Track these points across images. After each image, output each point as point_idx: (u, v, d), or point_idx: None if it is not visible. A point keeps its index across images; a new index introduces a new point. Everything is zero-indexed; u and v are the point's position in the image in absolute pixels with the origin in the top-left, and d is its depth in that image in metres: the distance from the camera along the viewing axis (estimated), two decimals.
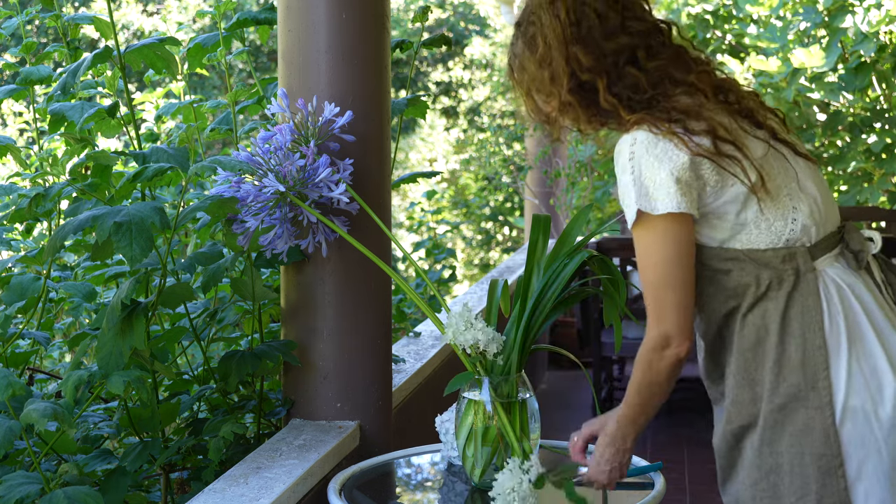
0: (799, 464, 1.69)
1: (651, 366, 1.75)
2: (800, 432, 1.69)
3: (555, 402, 5.66)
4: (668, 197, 1.67)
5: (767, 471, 1.71)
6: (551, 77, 1.78)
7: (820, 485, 1.67)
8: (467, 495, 1.99)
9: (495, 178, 8.91)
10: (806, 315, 1.71)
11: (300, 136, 2.15)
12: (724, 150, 1.69)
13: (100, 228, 1.86)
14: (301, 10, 2.28)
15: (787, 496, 1.69)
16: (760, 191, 1.70)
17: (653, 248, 1.71)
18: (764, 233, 1.73)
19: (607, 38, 1.76)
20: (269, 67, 12.76)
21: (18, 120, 5.40)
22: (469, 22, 14.58)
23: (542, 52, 1.78)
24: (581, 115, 1.79)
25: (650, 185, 1.68)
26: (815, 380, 1.68)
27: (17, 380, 1.83)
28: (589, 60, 1.75)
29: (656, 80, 1.75)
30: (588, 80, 1.76)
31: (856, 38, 5.46)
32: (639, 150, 1.69)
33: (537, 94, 1.83)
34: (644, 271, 1.73)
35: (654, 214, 1.68)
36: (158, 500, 2.29)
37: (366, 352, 2.34)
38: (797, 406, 1.69)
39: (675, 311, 1.72)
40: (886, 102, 5.84)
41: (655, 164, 1.68)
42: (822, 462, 1.67)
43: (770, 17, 6.06)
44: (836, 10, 5.51)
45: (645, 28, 1.78)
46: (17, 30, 2.55)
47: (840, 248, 1.78)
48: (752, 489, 1.73)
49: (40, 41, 11.31)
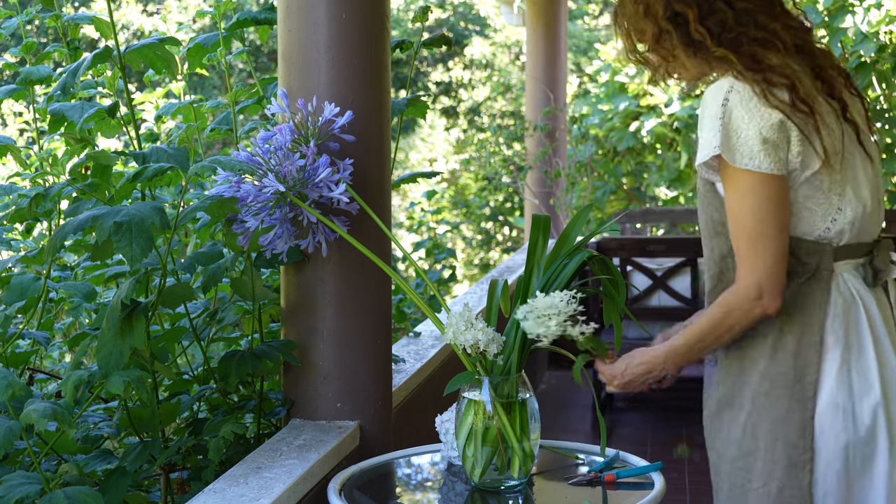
0: (771, 450, 1.73)
1: (732, 314, 1.74)
2: (779, 420, 1.72)
3: (555, 402, 5.66)
4: (749, 155, 1.69)
5: (745, 452, 1.76)
6: (646, 9, 1.82)
7: (785, 474, 1.71)
8: (467, 495, 1.99)
9: (495, 178, 8.91)
10: (810, 309, 1.73)
11: (300, 136, 2.15)
12: (800, 107, 1.71)
13: (100, 228, 1.86)
14: (301, 10, 2.28)
15: (756, 479, 1.73)
16: (829, 163, 1.71)
17: (741, 202, 1.71)
18: (801, 222, 1.74)
19: None
20: (269, 67, 12.76)
21: (18, 120, 5.40)
22: (469, 22, 14.58)
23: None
24: (676, 43, 1.81)
25: (735, 136, 1.70)
26: (804, 373, 1.72)
27: (17, 380, 1.83)
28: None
29: (744, 21, 1.77)
30: (680, 11, 1.79)
31: (856, 38, 5.46)
32: (734, 98, 1.71)
33: (634, 33, 1.87)
34: (732, 223, 1.73)
35: (731, 165, 1.70)
36: (158, 500, 2.29)
37: (366, 352, 2.34)
38: (781, 394, 1.73)
39: (772, 261, 1.71)
40: (886, 102, 5.84)
41: (746, 118, 1.70)
42: (792, 453, 1.71)
43: None
44: (836, 10, 5.51)
45: None
46: (17, 30, 2.55)
47: (864, 260, 1.79)
48: (730, 465, 1.78)
49: (40, 41, 11.31)
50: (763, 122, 1.69)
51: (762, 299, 1.71)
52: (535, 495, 2.00)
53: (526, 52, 7.54)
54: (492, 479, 1.96)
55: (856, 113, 1.82)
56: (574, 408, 5.56)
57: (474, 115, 13.46)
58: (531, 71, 7.37)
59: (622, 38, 1.91)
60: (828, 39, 5.52)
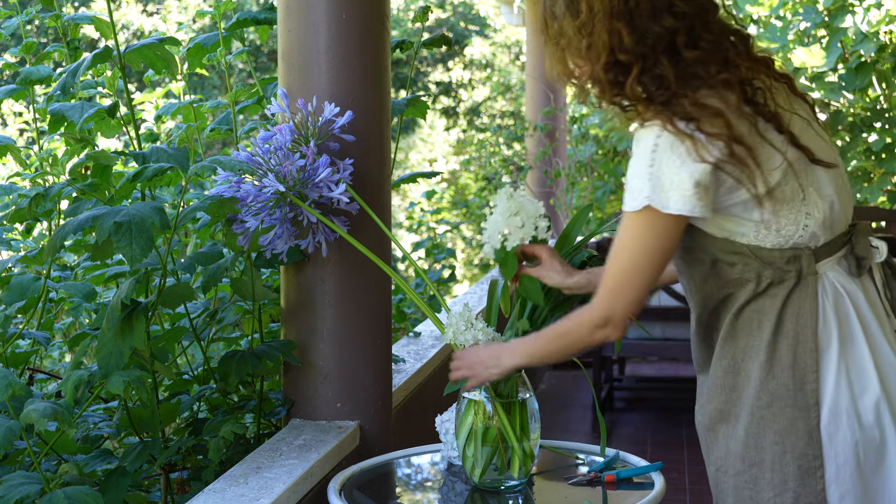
0: (780, 461, 1.70)
1: (578, 335, 1.78)
2: (784, 430, 1.69)
3: (555, 402, 5.66)
4: (682, 199, 1.64)
5: (750, 464, 1.72)
6: (588, 46, 1.71)
7: (798, 483, 1.68)
8: (467, 495, 1.99)
9: (495, 178, 8.91)
10: (801, 317, 1.71)
11: (300, 136, 2.15)
12: (738, 153, 1.65)
13: (100, 228, 1.86)
14: (301, 10, 2.28)
15: (766, 491, 1.71)
16: (766, 201, 1.68)
17: (645, 237, 1.69)
18: (773, 234, 1.71)
19: (653, 18, 1.68)
20: (269, 67, 12.76)
21: (18, 120, 5.40)
22: (469, 22, 14.58)
23: (585, 19, 1.71)
24: (606, 92, 1.74)
25: (667, 182, 1.65)
26: (804, 381, 1.69)
27: (17, 380, 1.83)
28: (630, 41, 1.68)
29: (688, 74, 1.69)
30: (624, 61, 1.69)
31: (856, 37, 5.46)
32: (663, 143, 1.65)
33: (570, 57, 1.76)
34: (619, 252, 1.71)
35: (662, 212, 1.66)
36: (158, 500, 2.29)
37: (366, 352, 2.34)
38: (784, 405, 1.70)
39: (630, 301, 1.72)
40: (886, 102, 5.84)
41: (678, 163, 1.64)
42: (802, 462, 1.69)
43: (770, 17, 6.07)
44: (836, 10, 5.51)
45: (691, 9, 1.70)
46: (17, 30, 2.55)
47: (844, 252, 1.77)
48: (734, 479, 1.75)
49: (40, 41, 11.31)
50: (695, 167, 1.64)
51: (606, 328, 1.74)
52: (535, 495, 2.00)
53: (526, 52, 7.55)
54: (492, 479, 1.96)
55: (803, 113, 1.78)
56: (574, 408, 5.56)
57: (474, 116, 13.46)
58: (531, 71, 7.37)
59: (552, 53, 1.79)
60: (828, 39, 5.52)
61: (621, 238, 1.71)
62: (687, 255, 1.78)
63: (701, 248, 1.75)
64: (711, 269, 1.76)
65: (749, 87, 1.71)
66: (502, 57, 14.46)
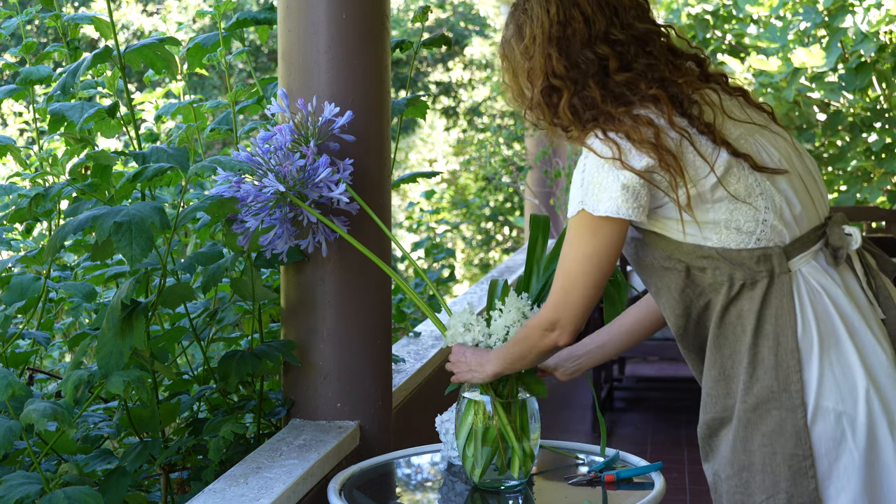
0: (770, 463, 1.71)
1: (529, 341, 1.86)
2: (772, 432, 1.70)
3: (555, 402, 5.66)
4: (610, 201, 1.70)
5: (740, 468, 1.73)
6: (529, 70, 1.82)
7: (790, 483, 1.69)
8: (467, 495, 1.99)
9: (495, 178, 8.91)
10: (780, 318, 1.72)
11: (300, 136, 2.15)
12: (666, 161, 1.70)
13: (100, 228, 1.86)
14: (301, 10, 2.28)
15: (757, 493, 1.72)
16: (688, 210, 1.73)
17: (582, 241, 1.75)
18: (734, 233, 1.73)
19: (586, 46, 1.78)
20: (269, 67, 12.76)
21: (18, 120, 5.40)
22: (469, 22, 14.58)
23: (527, 44, 1.82)
24: (546, 115, 1.83)
25: (596, 186, 1.72)
26: (788, 382, 1.70)
27: (17, 380, 1.83)
28: (562, 68, 1.78)
29: (617, 94, 1.77)
30: (557, 86, 1.79)
31: (856, 37, 5.46)
32: (592, 151, 1.73)
33: (520, 80, 1.86)
34: (564, 259, 1.78)
35: (593, 215, 1.72)
36: (158, 500, 2.29)
37: (366, 352, 2.34)
38: (770, 407, 1.71)
39: (577, 307, 1.79)
40: (886, 102, 5.84)
41: (605, 168, 1.71)
42: (792, 462, 1.69)
43: (770, 17, 6.07)
44: (836, 10, 5.51)
45: (628, 36, 1.79)
46: (17, 30, 2.55)
47: (819, 245, 1.77)
48: (726, 483, 1.76)
49: (40, 41, 11.31)
50: (620, 173, 1.71)
51: (555, 332, 1.82)
52: (535, 495, 2.00)
53: None
54: (492, 479, 1.96)
55: (759, 121, 1.83)
56: (574, 408, 5.56)
57: (474, 116, 13.45)
58: None
59: (507, 78, 1.89)
60: (828, 39, 5.52)
61: (565, 245, 1.79)
62: (661, 268, 1.80)
63: (673, 257, 1.77)
64: (687, 278, 1.78)
65: (686, 101, 1.78)
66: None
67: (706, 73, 1.85)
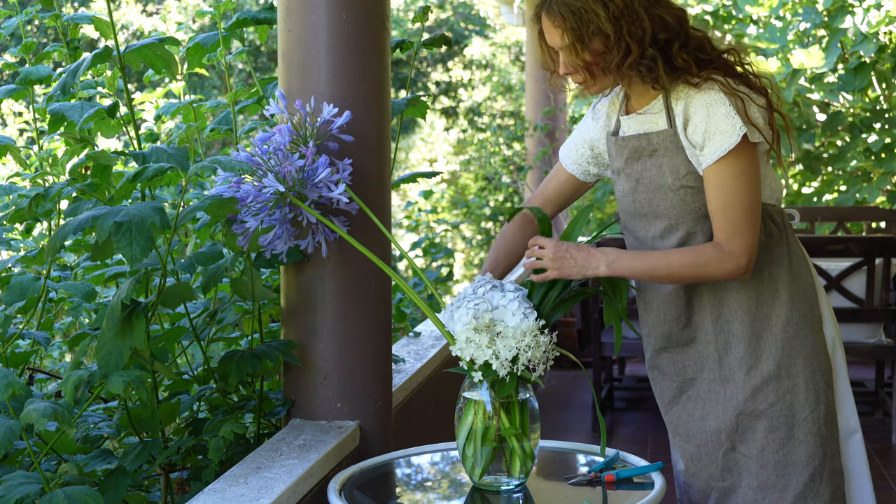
0: (812, 380, 2.04)
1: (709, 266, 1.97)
2: (810, 354, 2.04)
3: (555, 402, 5.66)
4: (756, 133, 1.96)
5: (784, 392, 2.03)
6: (629, 31, 1.94)
7: (826, 396, 2.04)
8: (467, 495, 1.99)
9: (495, 178, 8.91)
10: (798, 257, 2.07)
11: (299, 136, 2.15)
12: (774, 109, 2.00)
13: (100, 228, 1.86)
14: (301, 10, 2.28)
15: (801, 411, 2.03)
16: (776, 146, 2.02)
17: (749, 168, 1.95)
18: (768, 188, 2.05)
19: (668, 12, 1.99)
20: (269, 67, 12.77)
21: (18, 120, 5.40)
22: (469, 22, 14.59)
23: (623, 7, 1.94)
24: (661, 67, 1.96)
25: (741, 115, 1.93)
26: (813, 308, 2.06)
27: (17, 380, 1.83)
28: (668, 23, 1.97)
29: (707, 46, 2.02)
30: (664, 39, 1.96)
31: (855, 38, 5.46)
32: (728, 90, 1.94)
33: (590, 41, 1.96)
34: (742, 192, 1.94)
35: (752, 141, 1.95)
36: (158, 500, 2.30)
37: (366, 352, 2.35)
38: (807, 332, 2.04)
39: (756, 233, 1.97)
40: (886, 102, 5.84)
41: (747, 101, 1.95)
42: (827, 377, 2.05)
43: (770, 17, 6.07)
44: (835, 11, 5.51)
45: (674, 18, 2.01)
46: (17, 30, 2.55)
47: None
48: (768, 411, 2.03)
49: (40, 41, 11.32)
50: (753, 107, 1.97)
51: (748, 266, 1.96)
52: (535, 495, 2.00)
53: (526, 52, 7.54)
54: (492, 479, 1.96)
55: None
56: (574, 408, 5.56)
57: (474, 116, 13.45)
58: (531, 71, 7.37)
59: (569, 44, 1.98)
60: (827, 40, 5.52)
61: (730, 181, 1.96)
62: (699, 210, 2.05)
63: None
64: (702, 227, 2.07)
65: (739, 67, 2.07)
66: (502, 57, 14.46)
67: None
